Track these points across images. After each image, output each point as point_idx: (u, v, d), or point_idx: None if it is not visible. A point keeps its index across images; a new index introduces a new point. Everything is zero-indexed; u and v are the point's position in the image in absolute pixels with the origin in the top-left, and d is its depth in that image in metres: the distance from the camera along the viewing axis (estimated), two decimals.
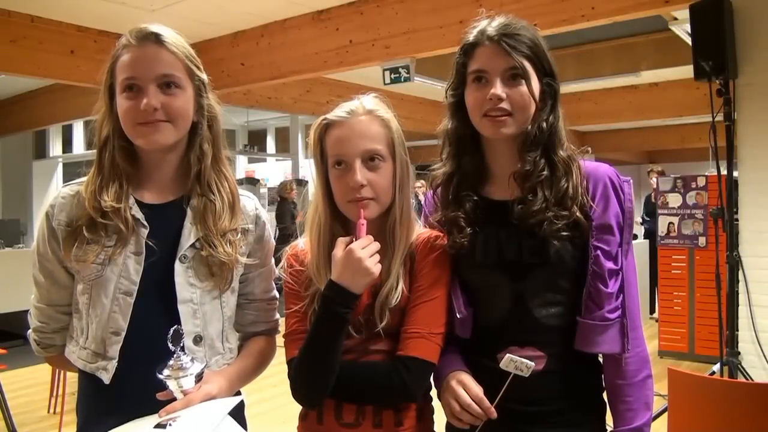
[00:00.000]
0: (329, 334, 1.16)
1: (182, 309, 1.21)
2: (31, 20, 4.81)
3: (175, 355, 1.12)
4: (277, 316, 1.44)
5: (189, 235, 1.23)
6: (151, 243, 1.21)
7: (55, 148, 9.88)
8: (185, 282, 1.22)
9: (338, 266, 1.16)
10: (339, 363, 1.17)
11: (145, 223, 1.22)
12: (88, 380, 1.23)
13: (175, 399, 1.12)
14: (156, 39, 1.20)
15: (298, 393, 1.21)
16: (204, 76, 1.27)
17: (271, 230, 1.40)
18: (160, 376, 1.11)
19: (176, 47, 1.22)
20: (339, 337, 1.16)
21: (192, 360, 1.14)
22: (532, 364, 1.12)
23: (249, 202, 1.35)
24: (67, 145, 9.82)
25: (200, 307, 1.23)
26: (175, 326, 1.13)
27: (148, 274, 1.21)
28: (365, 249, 1.15)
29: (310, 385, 1.19)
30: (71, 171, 9.66)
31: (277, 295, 1.43)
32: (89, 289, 1.21)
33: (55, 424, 3.82)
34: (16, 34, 4.74)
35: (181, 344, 1.12)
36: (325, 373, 1.16)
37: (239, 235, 1.28)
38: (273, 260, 1.41)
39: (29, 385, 4.71)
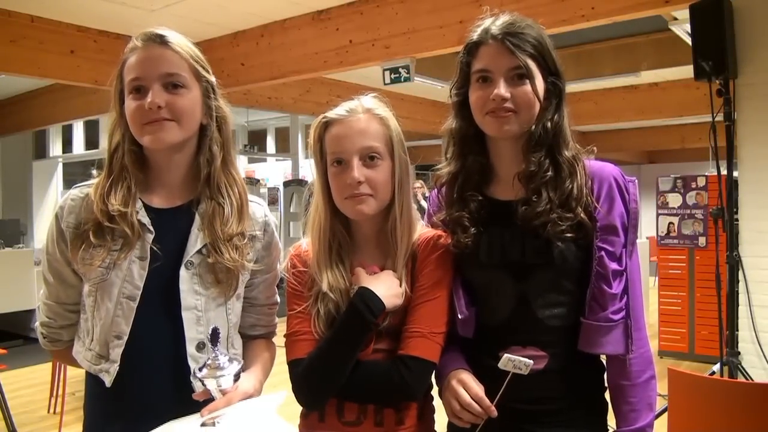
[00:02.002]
0: (351, 338, 1.17)
1: (186, 316, 1.20)
2: (31, 20, 4.80)
3: (213, 355, 1.11)
4: (276, 320, 1.44)
5: (196, 241, 1.23)
6: (156, 248, 1.21)
7: (55, 148, 9.87)
8: (190, 289, 1.21)
9: (374, 279, 1.20)
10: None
11: (151, 228, 1.21)
12: (94, 381, 1.24)
13: (207, 399, 1.12)
14: (161, 40, 1.21)
15: (304, 394, 1.21)
16: (212, 79, 1.28)
17: (279, 236, 1.39)
18: (198, 375, 1.11)
19: (181, 48, 1.22)
20: (360, 342, 1.18)
21: (230, 360, 1.13)
22: (531, 362, 1.12)
23: (258, 208, 1.35)
24: (67, 145, 9.80)
25: (204, 314, 1.23)
26: (213, 326, 1.13)
27: (153, 279, 1.20)
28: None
29: (319, 387, 1.19)
30: (71, 171, 9.66)
31: (279, 300, 1.43)
32: (95, 292, 1.21)
33: (55, 424, 3.82)
34: (16, 34, 4.74)
35: (218, 343, 1.11)
36: (338, 377, 1.17)
37: (246, 239, 1.27)
38: (279, 266, 1.40)
39: (29, 385, 4.71)
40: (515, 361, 1.12)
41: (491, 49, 1.20)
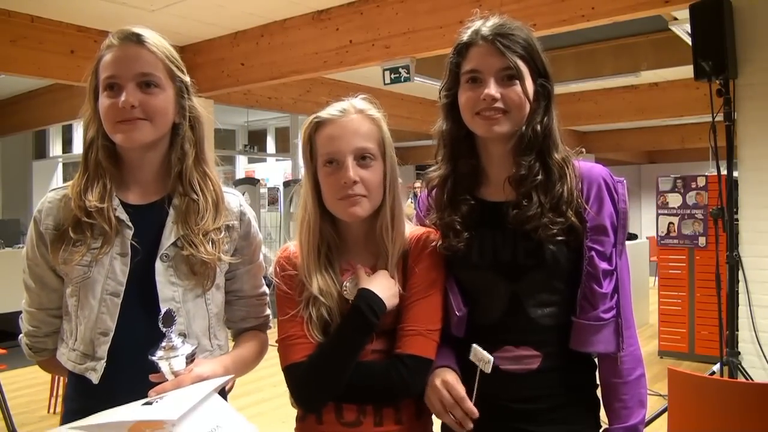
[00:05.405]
0: (354, 340, 1.17)
1: (164, 307, 1.21)
2: (31, 20, 4.80)
3: (166, 337, 1.12)
4: (268, 311, 1.45)
5: (170, 234, 1.25)
6: (135, 243, 1.22)
7: (55, 148, 9.87)
8: (166, 281, 1.23)
9: (371, 280, 1.19)
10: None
11: (129, 224, 1.23)
12: (78, 381, 1.24)
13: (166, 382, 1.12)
14: (137, 39, 1.22)
15: (306, 397, 1.21)
16: (186, 79, 1.30)
17: (257, 226, 1.41)
18: (153, 358, 1.12)
19: (157, 48, 1.24)
20: (363, 344, 1.18)
21: (183, 341, 1.14)
22: (491, 358, 1.12)
23: (233, 198, 1.36)
24: (67, 145, 9.80)
25: (183, 305, 1.24)
26: (167, 308, 1.14)
27: (133, 274, 1.22)
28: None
29: (322, 390, 1.18)
30: (71, 171, 9.65)
31: (267, 291, 1.44)
32: (77, 291, 1.23)
33: (55, 424, 3.79)
34: (16, 34, 4.74)
35: (173, 325, 1.12)
36: (340, 379, 1.16)
37: (223, 232, 1.29)
38: (262, 256, 1.42)
39: (29, 385, 4.71)
40: (479, 354, 1.13)
41: (481, 50, 1.20)
